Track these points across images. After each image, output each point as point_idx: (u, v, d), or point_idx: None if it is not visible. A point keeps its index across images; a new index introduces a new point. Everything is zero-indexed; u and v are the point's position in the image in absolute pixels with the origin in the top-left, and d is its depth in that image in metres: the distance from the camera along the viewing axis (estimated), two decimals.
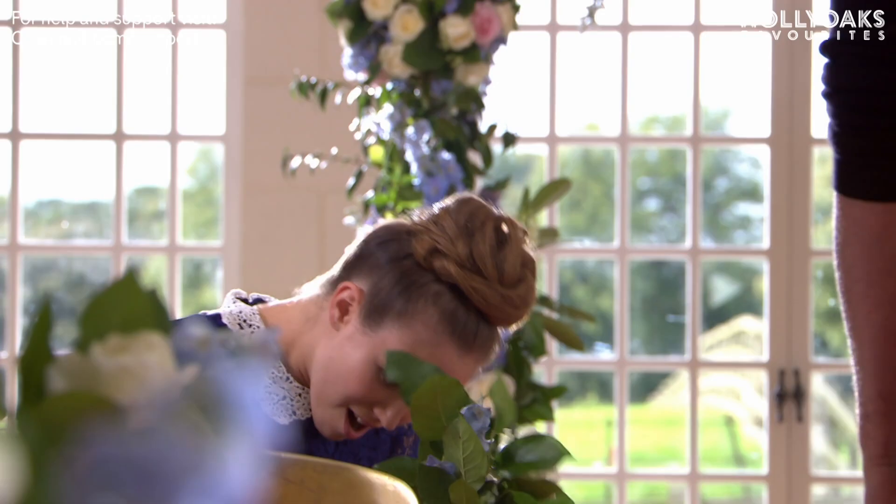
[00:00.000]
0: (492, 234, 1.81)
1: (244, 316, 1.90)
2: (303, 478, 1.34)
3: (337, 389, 1.83)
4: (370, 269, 1.85)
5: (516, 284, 1.81)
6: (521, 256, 1.82)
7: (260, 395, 0.67)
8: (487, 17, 3.51)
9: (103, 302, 0.71)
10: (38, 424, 0.63)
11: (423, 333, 1.80)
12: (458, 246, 1.80)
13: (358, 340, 1.82)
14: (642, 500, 11.07)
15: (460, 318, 1.80)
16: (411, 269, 1.83)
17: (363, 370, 1.81)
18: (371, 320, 1.82)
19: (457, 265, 1.80)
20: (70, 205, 11.13)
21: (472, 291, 1.79)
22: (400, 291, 1.82)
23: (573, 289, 11.78)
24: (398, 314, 1.81)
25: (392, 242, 1.86)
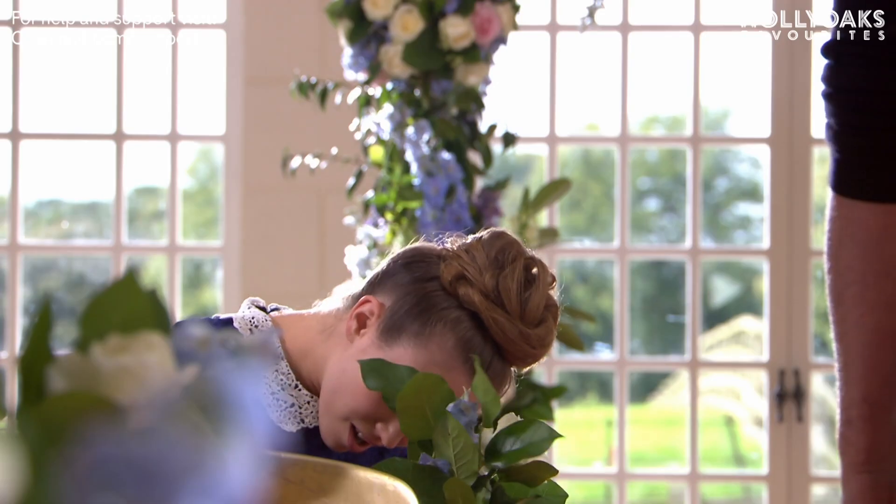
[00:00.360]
0: (521, 272, 1.81)
1: (256, 322, 1.90)
2: (303, 478, 1.34)
3: (345, 401, 1.83)
4: (394, 286, 1.85)
5: (537, 325, 1.81)
6: (545, 299, 1.82)
7: (260, 395, 0.67)
8: (487, 17, 3.51)
9: (103, 302, 0.71)
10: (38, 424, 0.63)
11: (437, 356, 1.80)
12: (486, 277, 1.81)
13: (371, 354, 1.82)
14: (642, 500, 11.07)
15: (476, 347, 1.80)
16: (435, 291, 1.83)
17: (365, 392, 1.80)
18: (388, 336, 1.82)
19: (481, 294, 1.80)
20: (70, 205, 11.13)
21: (493, 323, 1.79)
22: (420, 311, 1.82)
23: (573, 289, 11.78)
24: (415, 334, 1.81)
25: (420, 263, 1.86)
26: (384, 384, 1.67)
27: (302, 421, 1.89)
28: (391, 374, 1.68)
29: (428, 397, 1.60)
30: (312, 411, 1.89)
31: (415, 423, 1.61)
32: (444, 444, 1.60)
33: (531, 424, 1.62)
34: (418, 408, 1.61)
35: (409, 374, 1.67)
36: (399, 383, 1.66)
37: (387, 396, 1.67)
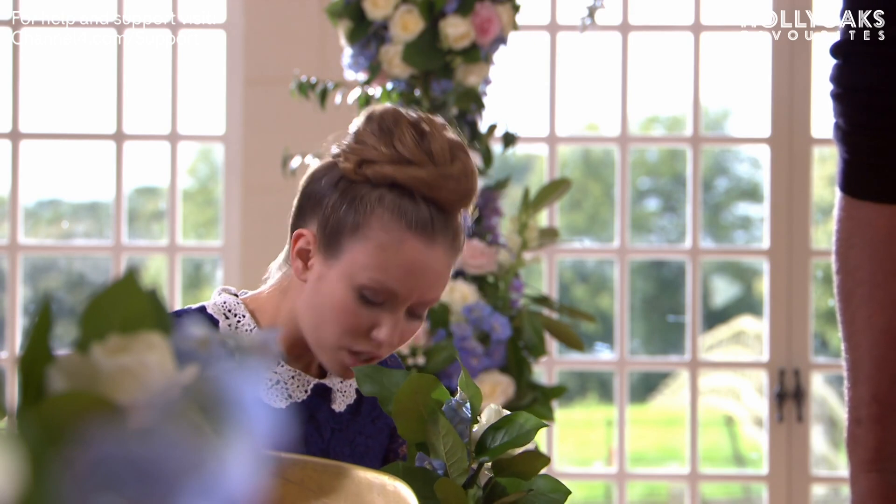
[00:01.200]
0: (410, 129, 1.83)
1: (228, 306, 1.90)
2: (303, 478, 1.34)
3: (330, 330, 1.83)
4: (312, 209, 1.86)
5: (450, 162, 1.82)
6: (446, 141, 1.83)
7: (260, 395, 0.67)
8: (487, 17, 3.51)
9: (103, 302, 0.71)
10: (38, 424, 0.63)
11: (382, 237, 1.80)
12: (382, 148, 1.82)
13: (327, 276, 1.82)
14: (642, 500, 11.07)
15: (410, 208, 1.81)
16: (348, 187, 1.84)
17: (344, 299, 1.81)
18: (331, 250, 1.83)
19: (388, 164, 1.81)
20: (70, 205, 11.13)
21: (411, 180, 1.80)
22: (345, 211, 1.82)
23: (573, 289, 11.78)
24: (352, 231, 1.81)
25: (321, 177, 1.87)
26: (379, 389, 1.67)
27: (290, 396, 1.89)
28: (385, 379, 1.68)
29: (423, 398, 1.61)
30: (298, 385, 1.90)
31: (411, 425, 1.61)
32: (437, 444, 1.60)
33: (518, 417, 1.62)
34: (414, 409, 1.61)
35: (402, 377, 1.67)
36: (393, 387, 1.66)
37: (382, 400, 1.67)
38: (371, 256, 1.80)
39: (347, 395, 1.94)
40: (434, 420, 1.59)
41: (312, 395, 1.91)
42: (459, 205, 1.84)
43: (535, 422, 1.61)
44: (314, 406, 1.91)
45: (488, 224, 3.58)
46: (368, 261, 1.80)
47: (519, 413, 1.63)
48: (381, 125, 1.84)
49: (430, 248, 1.81)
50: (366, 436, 1.94)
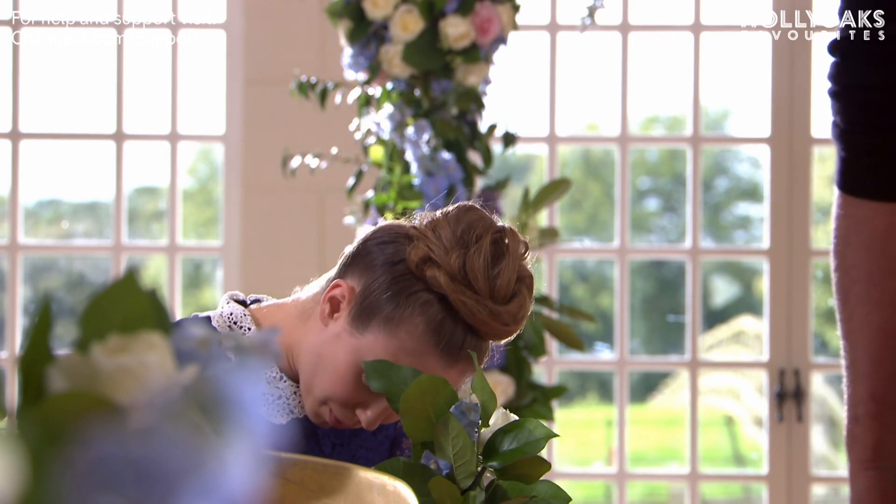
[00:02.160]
0: (488, 248, 1.78)
1: (235, 318, 1.89)
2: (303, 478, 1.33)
3: (322, 386, 1.82)
4: (364, 269, 1.83)
5: (508, 301, 1.78)
6: (516, 272, 1.79)
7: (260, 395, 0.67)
8: (487, 17, 3.51)
9: (103, 302, 0.71)
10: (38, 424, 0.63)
11: (407, 342, 1.78)
12: (452, 257, 1.77)
13: (345, 340, 1.81)
14: (642, 500, 11.07)
15: (447, 330, 1.78)
16: (403, 275, 1.80)
17: (346, 372, 1.80)
18: (359, 321, 1.81)
19: (448, 276, 1.77)
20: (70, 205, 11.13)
21: (461, 305, 1.76)
22: (390, 297, 1.79)
23: (573, 288, 11.78)
24: (386, 319, 1.79)
25: (389, 245, 1.83)
26: (388, 385, 1.67)
27: (291, 412, 1.88)
28: (395, 376, 1.68)
29: (431, 399, 1.61)
30: (300, 401, 1.89)
31: (418, 425, 1.61)
32: (445, 444, 1.60)
33: (527, 423, 1.62)
34: (422, 409, 1.61)
35: (412, 375, 1.67)
36: (402, 384, 1.66)
37: (390, 397, 1.66)
38: (388, 353, 1.78)
39: None
40: (444, 421, 1.59)
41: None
42: (496, 340, 1.82)
43: (545, 431, 1.61)
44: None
45: None
46: (384, 355, 1.77)
47: (528, 420, 1.63)
48: (464, 233, 1.79)
49: (447, 368, 1.79)
50: (367, 449, 1.93)
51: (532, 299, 1.81)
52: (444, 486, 1.58)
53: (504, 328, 1.79)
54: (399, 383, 1.66)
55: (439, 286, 1.77)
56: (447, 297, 1.77)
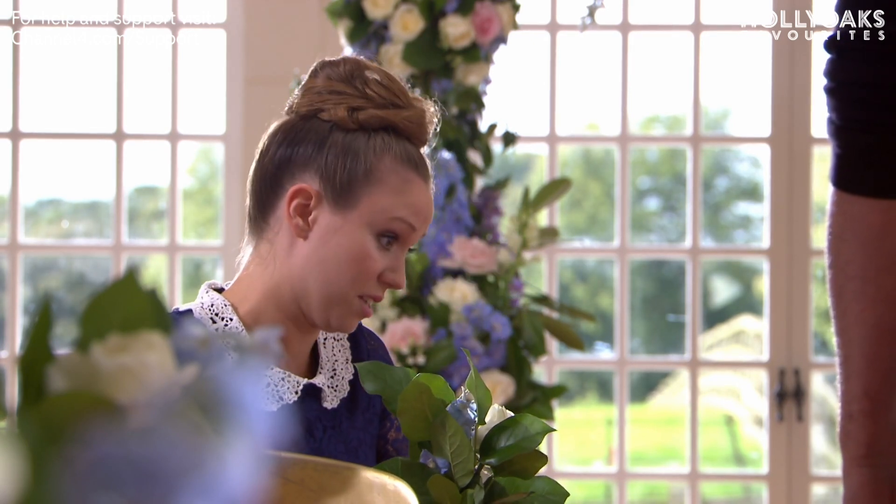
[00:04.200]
0: (373, 72, 1.89)
1: (216, 309, 1.90)
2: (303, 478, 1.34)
3: (345, 279, 1.84)
4: (304, 164, 1.87)
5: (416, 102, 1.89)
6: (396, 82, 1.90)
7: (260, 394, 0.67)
8: (487, 17, 3.51)
9: (103, 302, 0.71)
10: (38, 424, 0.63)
11: (395, 180, 1.84)
12: (368, 95, 1.86)
13: (342, 227, 1.84)
14: (642, 500, 11.07)
15: (409, 150, 1.87)
16: (346, 135, 1.86)
17: (363, 245, 1.84)
18: (343, 201, 1.85)
19: (375, 109, 1.86)
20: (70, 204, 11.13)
21: (403, 122, 1.86)
22: (353, 159, 1.85)
23: (573, 288, 11.78)
24: (365, 179, 1.84)
25: (303, 132, 1.89)
26: (383, 387, 1.67)
27: (280, 398, 1.88)
28: (388, 377, 1.68)
29: (428, 399, 1.61)
30: (288, 387, 1.88)
31: (415, 424, 1.61)
32: (442, 443, 1.60)
33: (523, 419, 1.62)
34: (419, 409, 1.61)
35: (405, 375, 1.67)
36: (397, 384, 1.66)
37: (385, 398, 1.66)
38: (388, 200, 1.84)
39: (339, 390, 1.92)
40: (441, 420, 1.59)
41: (303, 396, 1.89)
42: (427, 142, 1.91)
43: (541, 425, 1.61)
44: (305, 407, 1.90)
45: (488, 223, 3.58)
46: (389, 204, 1.84)
47: (524, 415, 1.63)
48: (344, 75, 1.88)
49: (426, 183, 1.88)
50: (358, 429, 1.92)
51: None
52: (443, 484, 1.58)
53: (430, 123, 1.90)
54: (393, 384, 1.67)
55: (379, 120, 1.85)
56: (390, 124, 1.86)
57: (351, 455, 1.90)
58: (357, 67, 1.88)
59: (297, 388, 1.89)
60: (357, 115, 1.85)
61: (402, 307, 3.46)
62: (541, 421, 1.62)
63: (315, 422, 1.90)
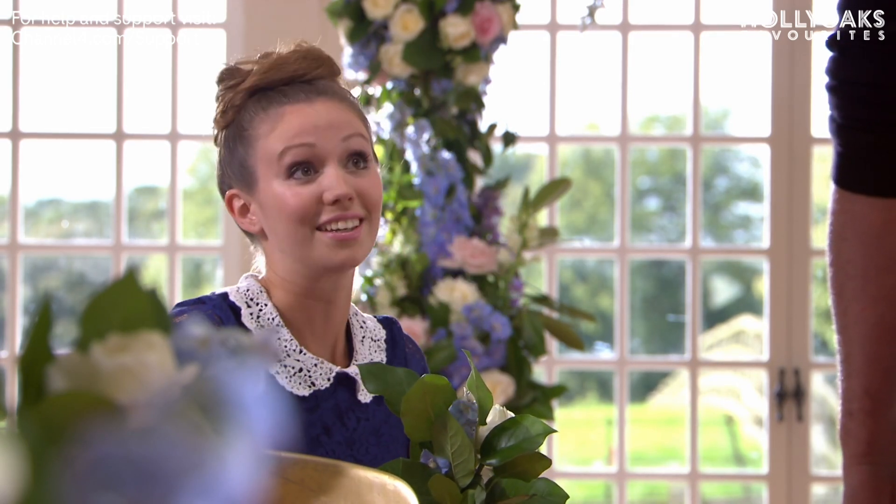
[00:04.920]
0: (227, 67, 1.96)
1: (252, 294, 1.94)
2: (303, 477, 1.34)
3: (296, 228, 1.88)
4: (221, 179, 1.97)
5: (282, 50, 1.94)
6: (276, 48, 1.95)
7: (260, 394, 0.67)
8: (487, 17, 3.51)
9: (103, 302, 0.71)
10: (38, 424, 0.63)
11: (265, 127, 1.90)
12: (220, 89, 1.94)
13: (264, 199, 1.90)
14: (642, 500, 11.07)
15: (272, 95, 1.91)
16: (225, 135, 1.95)
17: (283, 193, 1.88)
18: (248, 180, 1.92)
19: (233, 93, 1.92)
20: (70, 204, 11.13)
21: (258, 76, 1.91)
22: (232, 147, 1.93)
23: (573, 288, 11.78)
24: (246, 149, 1.91)
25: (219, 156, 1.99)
26: (384, 387, 1.67)
27: (312, 384, 1.90)
28: (390, 378, 1.68)
29: (431, 400, 1.61)
30: (321, 373, 1.91)
31: (418, 425, 1.62)
32: (443, 443, 1.60)
33: (524, 420, 1.62)
34: (422, 410, 1.61)
35: (406, 375, 1.67)
36: (398, 385, 1.66)
37: (388, 400, 1.67)
38: (269, 144, 1.89)
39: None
40: (442, 420, 1.60)
41: (335, 384, 1.92)
42: (316, 72, 1.93)
43: (542, 426, 1.61)
44: (337, 395, 1.92)
45: (488, 223, 3.58)
46: (270, 148, 1.89)
47: (524, 416, 1.63)
48: (221, 78, 1.95)
49: (312, 103, 1.90)
50: (392, 426, 1.94)
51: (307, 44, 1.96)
52: (444, 484, 1.58)
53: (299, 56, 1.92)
54: (394, 384, 1.67)
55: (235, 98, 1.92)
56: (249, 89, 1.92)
57: (382, 448, 1.92)
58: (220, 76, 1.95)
59: (329, 374, 1.92)
60: (219, 117, 1.94)
61: (402, 307, 3.46)
62: (541, 422, 1.62)
63: (348, 411, 1.91)
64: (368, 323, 2.01)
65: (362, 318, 2.01)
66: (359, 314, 2.01)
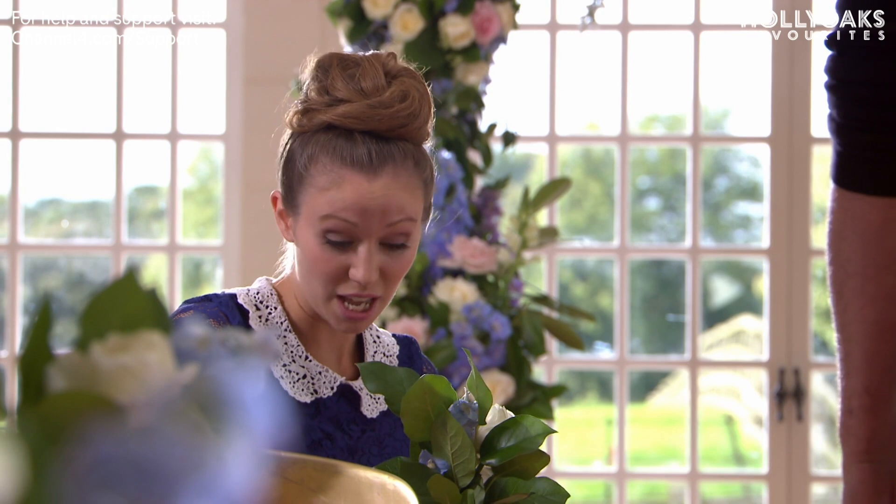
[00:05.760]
0: (338, 66, 1.84)
1: (262, 297, 1.92)
2: (303, 477, 1.34)
3: (315, 281, 1.85)
4: (280, 176, 1.92)
5: (383, 91, 1.82)
6: (380, 72, 1.84)
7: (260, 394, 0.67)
8: (487, 17, 3.51)
9: (103, 301, 0.71)
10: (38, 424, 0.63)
11: (323, 179, 1.82)
12: (311, 94, 1.85)
13: (297, 230, 1.86)
14: (642, 500, 11.07)
15: (345, 146, 1.82)
16: (292, 143, 1.89)
17: (314, 247, 1.84)
18: (291, 205, 1.87)
19: (319, 108, 1.84)
20: (70, 204, 11.13)
21: (340, 119, 1.82)
22: (292, 164, 1.87)
23: (573, 288, 11.78)
24: (300, 181, 1.85)
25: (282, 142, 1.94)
26: (384, 387, 1.67)
27: (315, 391, 1.89)
28: (389, 377, 1.68)
29: (431, 400, 1.61)
30: (325, 381, 1.89)
31: (418, 425, 1.62)
32: (443, 443, 1.60)
33: (524, 420, 1.62)
34: (422, 410, 1.61)
35: (405, 375, 1.67)
36: (398, 384, 1.66)
37: (388, 399, 1.66)
38: (321, 200, 1.83)
39: (381, 402, 1.92)
40: (442, 420, 1.59)
41: (338, 395, 1.90)
42: (401, 130, 1.83)
43: (542, 427, 1.61)
44: (340, 404, 1.90)
45: (488, 223, 3.58)
46: (318, 204, 1.83)
47: (524, 416, 1.63)
48: (316, 75, 1.86)
49: (372, 180, 1.81)
50: (398, 440, 1.92)
51: (414, 83, 1.85)
52: (443, 484, 1.58)
53: (393, 112, 1.81)
54: (394, 384, 1.67)
55: (320, 122, 1.84)
56: (329, 123, 1.83)
57: (385, 459, 1.89)
58: (328, 66, 1.86)
59: (333, 383, 1.90)
60: (301, 118, 1.87)
61: (401, 307, 3.46)
62: (541, 422, 1.62)
63: (350, 423, 1.90)
64: (383, 338, 1.99)
65: (377, 333, 1.99)
66: (373, 328, 1.99)
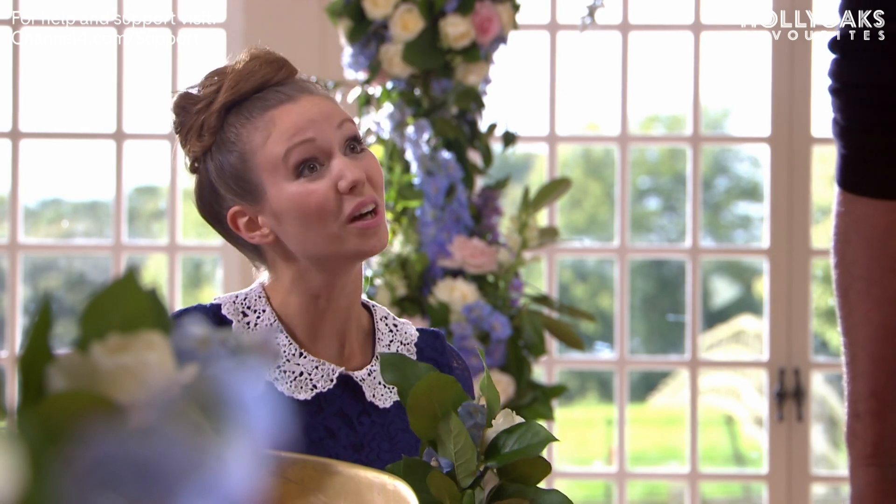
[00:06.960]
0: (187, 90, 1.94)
1: (249, 301, 1.92)
2: (303, 477, 1.34)
3: (323, 224, 1.87)
4: (217, 200, 1.96)
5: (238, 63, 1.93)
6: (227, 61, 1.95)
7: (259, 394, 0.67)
8: (487, 17, 3.51)
9: (103, 301, 0.71)
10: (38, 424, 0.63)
11: (259, 136, 1.88)
12: (188, 117, 1.93)
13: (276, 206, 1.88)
14: (642, 500, 11.07)
15: (252, 105, 1.90)
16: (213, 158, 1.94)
17: (298, 193, 1.86)
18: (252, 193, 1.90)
19: (203, 110, 1.92)
20: (70, 204, 11.13)
21: (228, 95, 1.90)
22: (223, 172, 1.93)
23: (573, 288, 11.78)
24: (243, 164, 1.90)
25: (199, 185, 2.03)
26: (401, 379, 1.67)
27: (314, 387, 1.88)
28: (408, 370, 1.67)
29: (439, 396, 1.61)
30: (322, 375, 1.89)
31: (424, 422, 1.62)
32: (447, 442, 1.60)
33: (529, 426, 1.63)
34: (429, 407, 1.61)
35: (425, 370, 1.66)
36: (415, 379, 1.65)
37: (402, 391, 1.66)
38: (270, 149, 1.88)
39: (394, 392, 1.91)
40: (447, 419, 1.59)
41: (339, 385, 1.89)
42: (283, 72, 1.93)
43: (546, 434, 1.62)
44: (344, 397, 1.89)
45: (488, 223, 3.58)
46: (272, 153, 1.87)
47: (532, 423, 1.63)
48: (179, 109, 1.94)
49: (296, 102, 1.90)
50: (410, 433, 1.89)
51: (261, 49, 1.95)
52: (442, 481, 1.58)
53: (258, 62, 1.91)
54: (412, 378, 1.66)
55: (217, 116, 1.91)
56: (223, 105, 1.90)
57: (396, 455, 1.88)
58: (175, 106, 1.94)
59: (332, 375, 1.89)
60: (197, 143, 1.93)
61: (401, 307, 3.46)
62: (546, 430, 1.62)
63: (360, 415, 1.89)
64: (402, 327, 1.99)
65: (394, 321, 1.99)
66: (390, 317, 1.99)
